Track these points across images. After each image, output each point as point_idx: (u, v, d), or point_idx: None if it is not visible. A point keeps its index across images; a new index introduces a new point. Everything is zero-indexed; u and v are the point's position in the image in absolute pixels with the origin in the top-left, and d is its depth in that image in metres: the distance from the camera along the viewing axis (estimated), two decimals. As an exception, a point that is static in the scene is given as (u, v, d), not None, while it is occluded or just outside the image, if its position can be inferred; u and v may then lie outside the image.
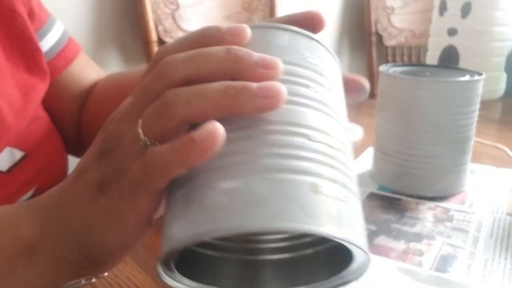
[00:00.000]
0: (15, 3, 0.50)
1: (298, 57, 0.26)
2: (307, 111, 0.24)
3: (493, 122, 0.90)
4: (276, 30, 0.27)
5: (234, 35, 0.25)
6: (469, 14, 1.00)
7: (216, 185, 0.22)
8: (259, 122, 0.23)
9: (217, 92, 0.22)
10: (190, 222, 0.22)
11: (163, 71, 0.24)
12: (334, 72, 0.28)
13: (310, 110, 0.24)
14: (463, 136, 0.54)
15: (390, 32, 1.61)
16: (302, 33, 0.28)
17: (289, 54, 0.26)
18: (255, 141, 0.23)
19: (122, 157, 0.25)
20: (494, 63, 1.03)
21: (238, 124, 0.23)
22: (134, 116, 0.25)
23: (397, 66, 0.59)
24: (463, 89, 0.52)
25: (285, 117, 0.23)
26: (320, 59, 0.27)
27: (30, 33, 0.51)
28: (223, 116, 0.23)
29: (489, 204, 0.53)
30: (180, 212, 0.23)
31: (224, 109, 0.23)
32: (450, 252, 0.43)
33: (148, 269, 0.40)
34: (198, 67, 0.24)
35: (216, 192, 0.22)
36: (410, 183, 0.55)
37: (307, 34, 0.28)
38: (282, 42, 0.26)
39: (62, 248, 0.28)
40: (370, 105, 0.77)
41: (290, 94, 0.24)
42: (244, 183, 0.21)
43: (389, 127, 0.55)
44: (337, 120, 0.26)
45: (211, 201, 0.22)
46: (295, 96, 0.24)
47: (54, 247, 0.28)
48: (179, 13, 1.26)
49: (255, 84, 0.23)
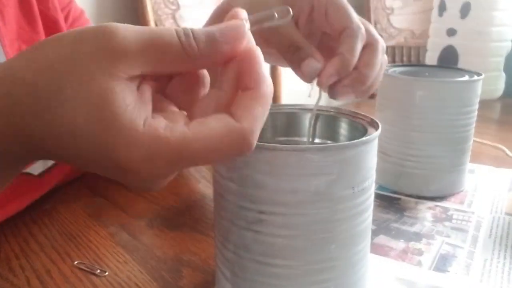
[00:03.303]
0: (58, 17, 0.52)
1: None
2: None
3: (492, 122, 0.90)
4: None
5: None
6: (468, 15, 1.01)
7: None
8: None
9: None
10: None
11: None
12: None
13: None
14: (462, 136, 0.54)
15: (390, 32, 1.61)
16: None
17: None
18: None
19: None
20: (493, 63, 1.03)
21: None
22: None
23: (396, 67, 0.59)
24: (462, 89, 0.52)
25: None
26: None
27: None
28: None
29: (488, 204, 0.53)
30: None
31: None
32: (449, 251, 0.43)
33: (148, 268, 0.41)
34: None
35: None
36: (410, 182, 0.55)
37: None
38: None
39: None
40: (369, 105, 0.77)
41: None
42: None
43: (389, 127, 0.55)
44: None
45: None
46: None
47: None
48: (179, 14, 1.26)
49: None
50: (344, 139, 0.36)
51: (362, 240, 0.31)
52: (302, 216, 0.28)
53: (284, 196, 0.28)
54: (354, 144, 0.28)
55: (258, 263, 0.30)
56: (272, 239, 0.29)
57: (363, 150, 0.29)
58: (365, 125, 0.32)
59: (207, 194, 0.57)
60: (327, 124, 0.36)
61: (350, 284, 0.31)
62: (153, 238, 0.46)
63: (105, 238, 0.46)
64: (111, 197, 0.56)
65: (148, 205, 0.53)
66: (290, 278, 0.29)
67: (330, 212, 0.28)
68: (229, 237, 0.31)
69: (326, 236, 0.29)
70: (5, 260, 0.42)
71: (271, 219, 0.28)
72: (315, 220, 0.28)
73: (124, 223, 0.49)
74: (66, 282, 0.39)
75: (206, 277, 0.39)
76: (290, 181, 0.27)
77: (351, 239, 0.30)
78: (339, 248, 0.29)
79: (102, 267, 0.41)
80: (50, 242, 0.45)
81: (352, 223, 0.29)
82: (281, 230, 0.28)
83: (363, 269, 0.32)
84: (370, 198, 0.31)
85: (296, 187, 0.27)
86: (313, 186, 0.27)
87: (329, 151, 0.27)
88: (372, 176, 0.31)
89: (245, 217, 0.29)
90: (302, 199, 0.28)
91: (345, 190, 0.28)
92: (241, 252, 0.30)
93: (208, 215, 0.51)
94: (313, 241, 0.28)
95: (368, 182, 0.30)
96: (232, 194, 0.30)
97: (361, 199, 0.29)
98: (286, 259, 0.29)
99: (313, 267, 0.29)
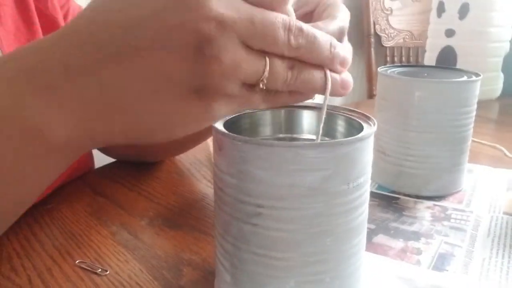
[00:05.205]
0: (57, 16, 0.52)
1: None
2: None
3: (491, 122, 0.91)
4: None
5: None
6: (466, 16, 1.01)
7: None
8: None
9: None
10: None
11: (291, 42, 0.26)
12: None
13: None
14: (460, 136, 0.54)
15: (389, 33, 1.61)
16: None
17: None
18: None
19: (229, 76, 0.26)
20: (491, 63, 1.04)
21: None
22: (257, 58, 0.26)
23: (395, 67, 0.60)
24: (461, 89, 0.53)
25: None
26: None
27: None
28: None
29: (487, 203, 0.53)
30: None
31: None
32: (448, 250, 0.43)
33: (149, 267, 0.41)
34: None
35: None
36: (408, 182, 0.56)
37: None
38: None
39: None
40: (369, 105, 0.78)
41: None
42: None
43: (388, 127, 0.56)
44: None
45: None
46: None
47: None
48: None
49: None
50: (341, 136, 0.36)
51: (358, 235, 0.31)
52: (299, 210, 0.29)
53: (280, 191, 0.28)
54: (349, 141, 0.29)
55: (256, 255, 0.30)
56: (270, 232, 0.29)
57: (359, 146, 0.29)
58: (361, 122, 0.33)
59: (208, 193, 0.57)
60: (324, 121, 0.37)
61: (344, 276, 0.31)
62: (154, 237, 0.46)
63: (106, 237, 0.46)
64: (112, 196, 0.56)
65: (149, 204, 0.54)
66: (286, 269, 0.30)
67: (326, 206, 0.29)
68: (228, 230, 0.31)
69: (322, 230, 0.29)
70: (7, 259, 0.42)
71: (268, 213, 0.29)
72: (311, 214, 0.29)
73: (125, 222, 0.49)
74: (68, 281, 0.39)
75: (206, 275, 0.39)
76: (286, 176, 0.28)
77: (346, 233, 0.30)
78: (335, 241, 0.30)
79: (103, 266, 0.41)
80: (51, 241, 0.45)
81: (348, 218, 0.30)
82: (278, 223, 0.29)
83: (358, 263, 0.32)
84: (366, 194, 0.32)
85: (292, 182, 0.28)
86: (309, 181, 0.28)
87: (324, 147, 0.28)
88: (367, 172, 0.31)
89: (243, 210, 0.30)
90: (298, 194, 0.28)
91: (340, 186, 0.29)
92: (240, 244, 0.31)
93: (209, 214, 0.51)
94: (309, 235, 0.29)
95: (363, 178, 0.30)
96: (231, 188, 0.30)
97: (356, 194, 0.30)
98: (283, 252, 0.30)
99: (309, 259, 0.30)
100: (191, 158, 0.70)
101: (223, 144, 0.30)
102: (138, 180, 0.61)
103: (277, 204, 0.29)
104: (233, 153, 0.29)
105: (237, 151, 0.29)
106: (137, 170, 0.64)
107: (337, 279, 0.31)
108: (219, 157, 0.31)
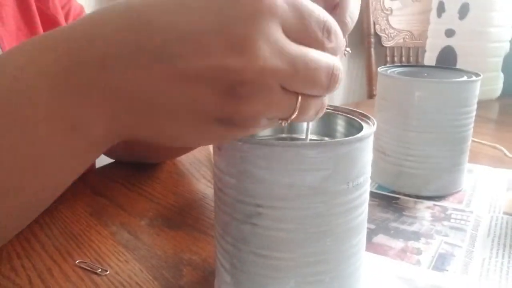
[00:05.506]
0: (58, 16, 0.52)
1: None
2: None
3: (491, 122, 0.91)
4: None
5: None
6: (466, 16, 1.01)
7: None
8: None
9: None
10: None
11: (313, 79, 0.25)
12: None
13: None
14: (460, 136, 0.54)
15: (389, 33, 1.61)
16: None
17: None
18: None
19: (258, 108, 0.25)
20: (491, 63, 1.04)
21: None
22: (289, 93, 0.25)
23: (395, 67, 0.60)
24: (461, 89, 0.53)
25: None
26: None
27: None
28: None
29: (487, 203, 0.53)
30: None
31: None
32: (448, 250, 0.43)
33: (149, 267, 0.41)
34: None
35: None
36: (408, 182, 0.56)
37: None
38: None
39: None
40: (369, 105, 0.78)
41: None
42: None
43: (388, 127, 0.56)
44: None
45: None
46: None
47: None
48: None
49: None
50: (341, 136, 0.36)
51: (357, 234, 0.31)
52: (298, 210, 0.29)
53: (280, 191, 0.28)
54: (349, 141, 0.29)
55: (256, 255, 0.30)
56: (269, 232, 0.29)
57: (358, 146, 0.29)
58: (361, 122, 0.33)
59: (207, 193, 0.57)
60: (324, 121, 0.37)
61: (344, 276, 0.31)
62: (153, 237, 0.46)
63: (106, 237, 0.46)
64: (112, 196, 0.56)
65: (148, 204, 0.54)
66: (286, 269, 0.30)
67: (326, 206, 0.29)
68: (228, 230, 0.31)
69: (321, 230, 0.29)
70: (7, 259, 0.42)
71: (268, 213, 0.29)
72: (311, 214, 0.29)
73: (125, 222, 0.49)
74: (68, 281, 0.39)
75: (206, 275, 0.39)
76: (286, 176, 0.28)
77: (346, 233, 0.30)
78: (335, 241, 0.30)
79: (103, 266, 0.41)
80: (51, 241, 0.45)
81: (347, 218, 0.30)
82: (278, 223, 0.29)
83: (358, 263, 0.32)
84: (365, 193, 0.32)
85: (292, 182, 0.28)
86: (309, 181, 0.28)
87: (324, 147, 0.28)
88: (367, 172, 0.31)
89: (243, 211, 0.30)
90: (298, 194, 0.28)
91: (340, 185, 0.29)
92: (239, 244, 0.31)
93: (209, 214, 0.51)
94: (309, 235, 0.29)
95: (363, 178, 0.30)
96: (231, 188, 0.30)
97: (356, 194, 0.30)
98: (282, 252, 0.30)
99: (309, 260, 0.30)
100: (191, 158, 0.70)
101: (223, 144, 0.30)
102: (138, 180, 0.61)
103: (277, 204, 0.29)
104: (233, 153, 0.29)
105: (237, 151, 0.29)
106: (137, 170, 0.64)
107: (337, 279, 0.31)
108: (219, 157, 0.31)
